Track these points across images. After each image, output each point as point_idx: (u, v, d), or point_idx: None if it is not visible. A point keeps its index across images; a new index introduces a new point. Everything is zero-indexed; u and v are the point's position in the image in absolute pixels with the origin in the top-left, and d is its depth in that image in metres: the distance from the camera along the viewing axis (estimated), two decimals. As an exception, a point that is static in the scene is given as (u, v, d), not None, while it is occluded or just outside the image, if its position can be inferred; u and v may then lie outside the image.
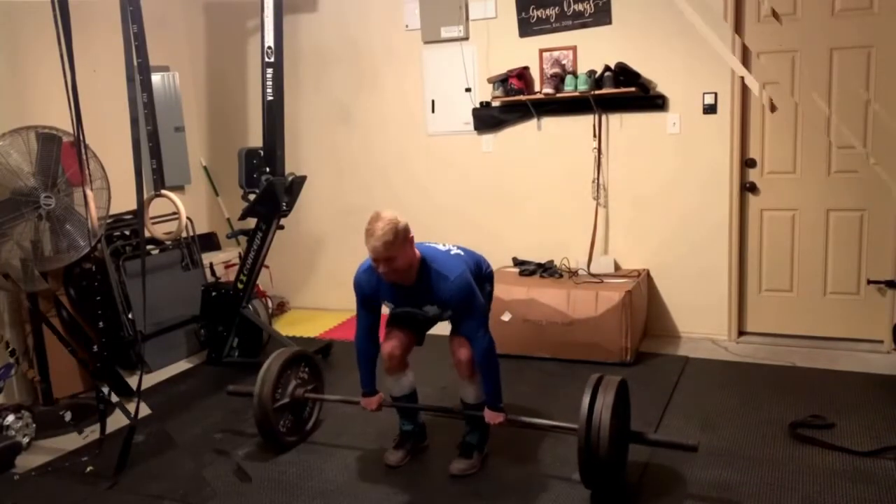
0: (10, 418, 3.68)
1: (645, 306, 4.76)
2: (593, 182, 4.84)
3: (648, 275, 4.82)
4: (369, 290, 3.10)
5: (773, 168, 4.51)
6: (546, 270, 4.84)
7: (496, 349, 3.05)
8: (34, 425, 3.79)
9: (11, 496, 3.26)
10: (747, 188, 4.57)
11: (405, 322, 3.27)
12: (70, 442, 3.76)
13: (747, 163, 4.55)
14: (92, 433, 3.80)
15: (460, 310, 3.03)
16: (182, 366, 4.78)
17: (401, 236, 2.85)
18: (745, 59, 4.41)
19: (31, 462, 3.56)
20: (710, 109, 4.52)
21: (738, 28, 4.40)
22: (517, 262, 5.04)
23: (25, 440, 3.70)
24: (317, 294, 5.93)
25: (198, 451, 3.52)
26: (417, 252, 2.99)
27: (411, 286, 3.01)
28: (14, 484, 3.38)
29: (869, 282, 4.40)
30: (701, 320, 4.77)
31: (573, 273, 4.79)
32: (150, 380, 4.45)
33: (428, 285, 2.99)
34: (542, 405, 3.76)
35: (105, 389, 3.73)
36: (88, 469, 3.47)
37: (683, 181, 4.68)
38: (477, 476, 3.15)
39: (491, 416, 3.07)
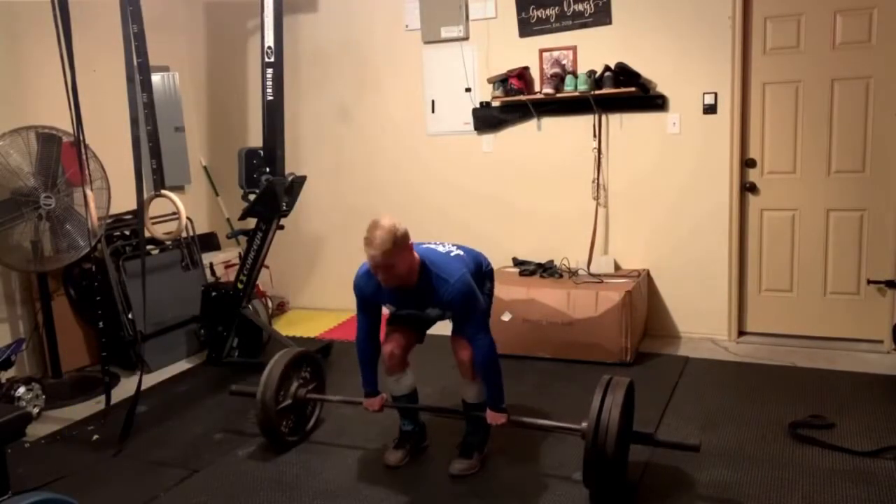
0: (22, 390, 3.92)
1: (645, 306, 4.76)
2: (593, 182, 4.84)
3: (648, 275, 4.82)
4: (369, 293, 3.09)
5: (773, 168, 4.51)
6: (546, 270, 4.84)
7: (497, 350, 3.04)
8: (43, 396, 4.03)
9: (23, 463, 3.42)
10: (747, 188, 4.57)
11: (406, 322, 3.26)
12: (77, 412, 4.04)
13: (747, 163, 4.55)
14: (97, 404, 4.11)
15: (461, 312, 3.01)
16: (182, 366, 4.78)
17: (399, 244, 2.82)
18: (746, 59, 4.43)
19: (40, 431, 3.84)
20: (710, 109, 4.53)
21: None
22: (517, 262, 5.03)
23: (35, 410, 3.94)
24: (317, 294, 5.93)
25: (198, 451, 3.52)
26: (417, 256, 2.96)
27: (412, 289, 2.99)
28: (25, 451, 3.57)
29: (869, 282, 4.40)
30: (701, 320, 4.77)
31: (573, 273, 4.79)
32: (150, 380, 4.45)
33: (429, 288, 2.97)
34: (541, 405, 3.76)
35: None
36: (95, 437, 3.71)
37: (683, 181, 4.68)
38: (476, 476, 3.15)
39: (493, 417, 3.06)
